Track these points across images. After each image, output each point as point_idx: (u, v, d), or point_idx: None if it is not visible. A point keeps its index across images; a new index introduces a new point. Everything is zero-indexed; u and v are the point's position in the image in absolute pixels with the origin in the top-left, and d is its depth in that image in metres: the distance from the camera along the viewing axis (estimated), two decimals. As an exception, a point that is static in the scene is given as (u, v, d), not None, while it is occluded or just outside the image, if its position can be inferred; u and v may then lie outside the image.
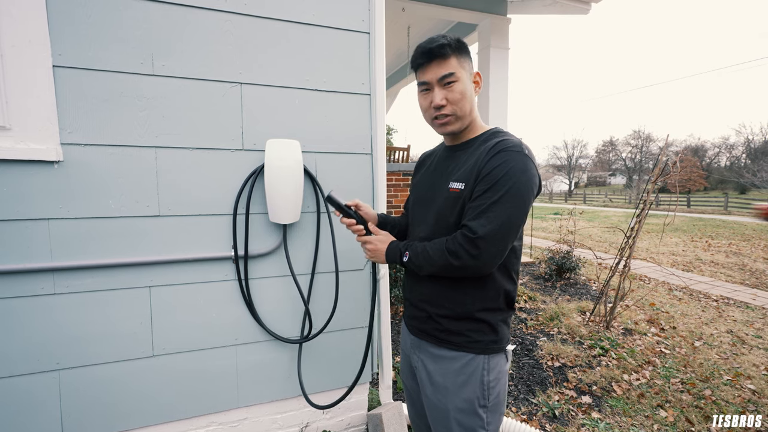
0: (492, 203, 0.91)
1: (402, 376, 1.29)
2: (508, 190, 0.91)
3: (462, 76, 1.01)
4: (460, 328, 1.03)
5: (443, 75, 1.00)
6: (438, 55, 0.99)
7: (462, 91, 1.01)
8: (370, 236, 1.14)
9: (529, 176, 0.94)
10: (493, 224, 0.90)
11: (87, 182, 1.35)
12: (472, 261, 0.93)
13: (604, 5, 12.16)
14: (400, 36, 6.28)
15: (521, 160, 0.93)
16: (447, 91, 1.01)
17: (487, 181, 0.93)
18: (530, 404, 2.30)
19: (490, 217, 0.91)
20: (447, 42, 0.99)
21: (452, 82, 1.00)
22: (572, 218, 6.31)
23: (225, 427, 1.63)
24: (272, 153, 1.47)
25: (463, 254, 0.92)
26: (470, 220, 0.93)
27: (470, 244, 0.91)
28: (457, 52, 1.01)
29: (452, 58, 1.00)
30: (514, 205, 0.92)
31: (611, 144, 46.87)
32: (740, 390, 2.45)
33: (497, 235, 0.91)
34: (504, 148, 0.95)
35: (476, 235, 0.90)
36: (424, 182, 1.18)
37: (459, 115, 1.03)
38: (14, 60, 1.24)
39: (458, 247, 0.93)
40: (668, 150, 3.63)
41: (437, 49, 0.98)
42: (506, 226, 0.92)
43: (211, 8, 1.44)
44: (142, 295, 1.45)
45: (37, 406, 1.36)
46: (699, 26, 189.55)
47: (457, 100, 1.01)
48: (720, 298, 4.52)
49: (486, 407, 1.03)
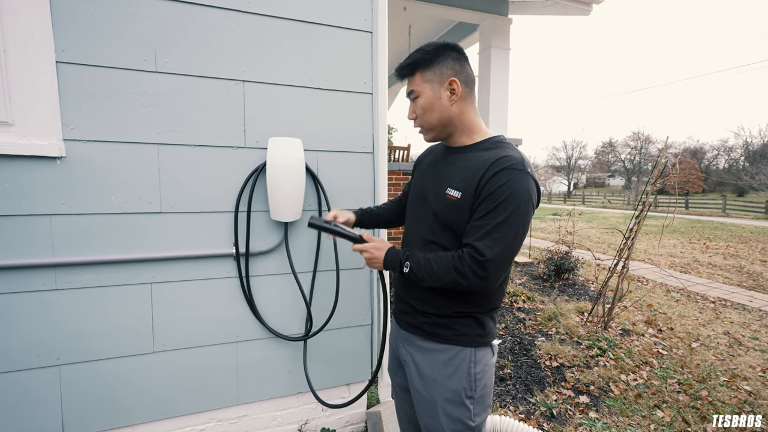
0: (497, 224, 0.93)
1: (389, 371, 1.31)
2: (513, 211, 0.92)
3: (423, 90, 1.06)
4: (447, 323, 1.07)
5: (408, 92, 1.10)
6: (404, 75, 1.09)
7: (423, 105, 1.07)
8: (365, 244, 1.15)
9: (531, 194, 0.96)
10: (500, 246, 0.92)
11: (89, 178, 1.35)
12: (479, 282, 0.95)
13: (605, 6, 12.18)
14: (401, 35, 6.28)
15: (524, 180, 0.94)
16: (414, 106, 1.10)
17: (491, 201, 0.94)
18: (528, 403, 2.31)
19: (497, 238, 0.92)
20: (412, 61, 1.06)
21: (415, 98, 1.08)
22: (571, 219, 6.32)
23: (225, 423, 1.64)
24: (274, 151, 1.48)
25: (471, 276, 0.94)
26: (476, 240, 0.94)
27: (479, 267, 0.93)
28: (422, 68, 1.05)
29: (416, 76, 1.07)
30: (519, 225, 0.94)
31: (610, 145, 46.95)
32: (736, 391, 2.47)
33: (504, 257, 0.94)
34: (507, 167, 0.95)
35: (485, 258, 0.92)
36: (423, 180, 1.18)
37: (426, 127, 1.10)
38: (17, 56, 1.24)
39: (467, 268, 0.94)
40: (667, 152, 3.64)
41: (403, 69, 1.08)
42: (512, 246, 0.94)
43: (215, 6, 1.44)
44: (143, 292, 1.45)
45: (37, 401, 1.36)
46: (699, 29, 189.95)
47: (420, 114, 1.09)
48: (717, 299, 4.54)
49: (473, 398, 1.06)
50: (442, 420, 1.06)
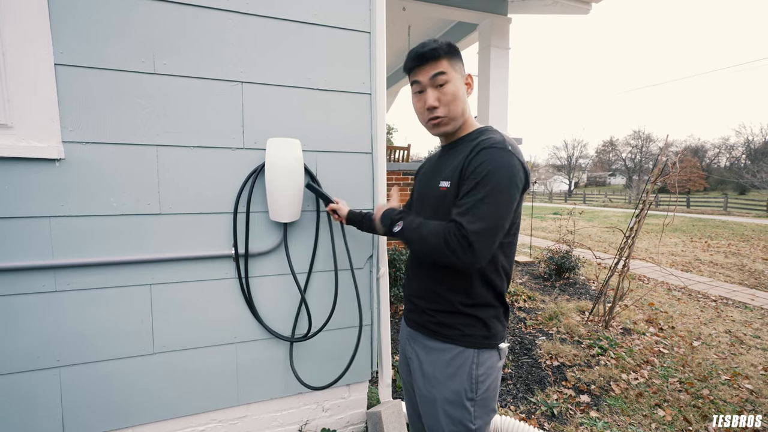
0: (479, 200, 0.93)
1: (400, 371, 1.31)
2: (494, 187, 0.93)
3: (453, 77, 1.05)
4: (452, 322, 1.06)
5: (435, 73, 1.03)
6: (430, 58, 1.03)
7: (453, 92, 1.04)
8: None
9: (514, 171, 0.95)
10: (483, 221, 0.91)
11: (88, 180, 1.35)
12: (463, 255, 0.92)
13: (605, 5, 12.16)
14: (400, 35, 6.28)
15: (504, 156, 0.95)
16: (439, 93, 1.05)
17: (472, 179, 0.95)
18: (529, 403, 2.31)
19: (478, 214, 0.92)
20: (438, 45, 1.03)
21: (443, 83, 1.04)
22: (572, 218, 6.32)
23: (225, 424, 1.64)
24: (273, 152, 1.48)
25: (458, 248, 0.92)
26: (459, 215, 0.94)
27: (463, 239, 0.92)
28: (448, 55, 1.04)
29: (443, 60, 1.04)
30: (500, 202, 0.93)
31: (611, 144, 46.89)
32: (738, 390, 2.46)
33: (486, 232, 0.92)
34: (486, 146, 0.96)
35: (467, 231, 0.91)
36: (422, 182, 1.22)
37: (451, 117, 1.07)
38: (16, 58, 1.24)
39: (452, 238, 0.93)
40: (668, 150, 3.63)
41: (429, 53, 1.03)
42: (497, 221, 0.93)
43: (213, 7, 1.45)
44: (142, 293, 1.45)
45: (37, 403, 1.36)
46: (699, 27, 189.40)
47: (449, 101, 1.04)
48: (718, 298, 4.53)
49: (473, 400, 1.04)
50: (442, 420, 1.06)
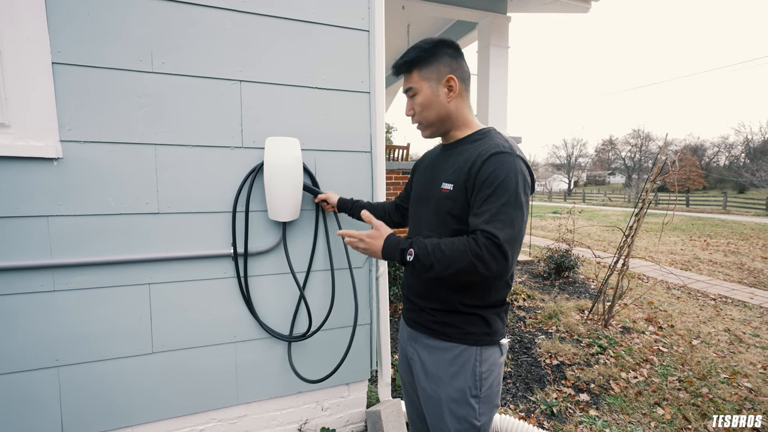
0: (502, 206, 0.91)
1: (399, 371, 1.30)
2: (513, 193, 0.92)
3: (421, 88, 1.07)
4: (453, 321, 1.05)
5: (405, 89, 1.11)
6: (401, 71, 1.10)
7: (422, 102, 1.07)
8: (360, 232, 1.08)
9: (525, 176, 0.96)
10: (509, 227, 0.90)
11: (86, 179, 1.35)
12: (497, 265, 0.89)
13: (604, 4, 12.16)
14: (399, 34, 6.27)
15: (515, 162, 0.95)
16: (412, 102, 1.10)
17: (488, 186, 0.93)
18: (528, 402, 2.31)
19: (505, 220, 0.90)
20: (409, 58, 1.06)
21: (413, 95, 1.09)
22: (571, 217, 6.32)
23: (224, 423, 1.64)
24: (272, 151, 1.48)
25: (490, 259, 0.88)
26: (485, 224, 0.90)
27: (496, 249, 0.88)
28: (419, 65, 1.06)
29: (414, 73, 1.07)
30: (519, 206, 0.93)
31: (611, 143, 46.87)
32: (737, 388, 2.46)
33: (516, 238, 0.91)
34: (496, 152, 0.95)
35: (499, 240, 0.88)
36: (422, 180, 1.20)
37: (425, 123, 1.11)
38: (13, 57, 1.24)
39: (484, 251, 0.88)
40: (667, 149, 3.63)
41: (400, 66, 1.09)
42: (520, 227, 0.93)
43: (211, 6, 1.44)
44: (141, 293, 1.45)
45: (37, 402, 1.36)
46: (698, 25, 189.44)
47: (419, 111, 1.10)
48: (718, 296, 4.53)
49: (478, 397, 1.04)
50: (447, 419, 1.05)
